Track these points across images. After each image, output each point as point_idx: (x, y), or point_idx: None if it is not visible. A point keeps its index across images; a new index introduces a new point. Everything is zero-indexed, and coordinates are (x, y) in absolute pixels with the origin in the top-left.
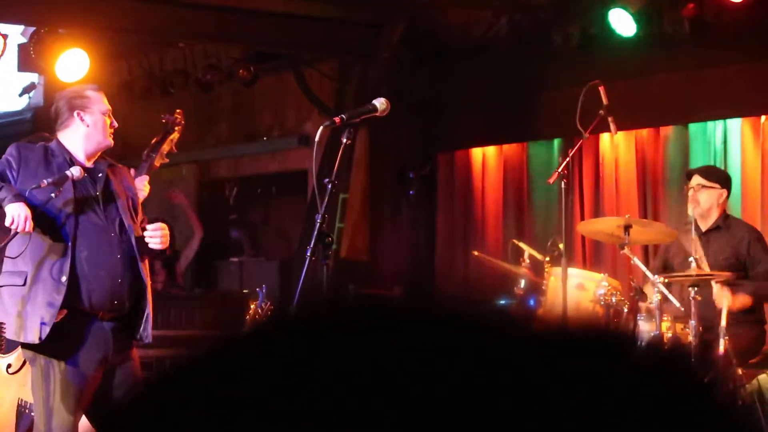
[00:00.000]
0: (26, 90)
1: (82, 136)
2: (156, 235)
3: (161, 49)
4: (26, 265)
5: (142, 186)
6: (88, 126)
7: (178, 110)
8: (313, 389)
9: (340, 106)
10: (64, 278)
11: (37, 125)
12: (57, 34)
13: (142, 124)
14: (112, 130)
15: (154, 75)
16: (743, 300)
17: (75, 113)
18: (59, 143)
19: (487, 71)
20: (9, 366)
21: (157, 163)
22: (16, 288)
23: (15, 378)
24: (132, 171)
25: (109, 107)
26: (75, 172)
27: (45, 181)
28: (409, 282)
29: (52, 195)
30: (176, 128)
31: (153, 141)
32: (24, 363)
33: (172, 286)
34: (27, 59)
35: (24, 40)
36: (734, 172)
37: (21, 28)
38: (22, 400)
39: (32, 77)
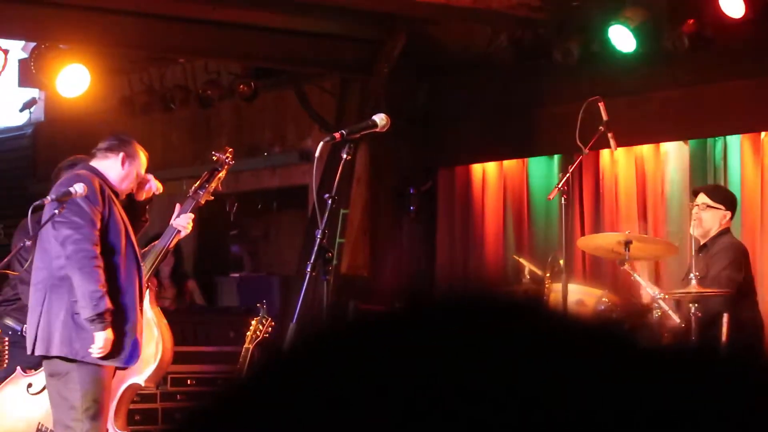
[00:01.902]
0: (27, 105)
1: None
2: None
3: (162, 65)
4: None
5: (186, 223)
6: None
7: (229, 149)
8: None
9: (341, 122)
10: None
11: (37, 140)
12: (58, 50)
13: (142, 139)
14: None
15: (155, 90)
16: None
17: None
18: None
19: (487, 87)
20: (30, 385)
21: (203, 201)
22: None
23: (36, 400)
24: (178, 206)
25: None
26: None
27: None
28: (407, 295)
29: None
30: (225, 167)
31: (201, 179)
32: (46, 386)
33: (180, 303)
34: (28, 74)
35: (25, 55)
36: (734, 188)
37: (22, 43)
38: (41, 425)
39: (33, 92)
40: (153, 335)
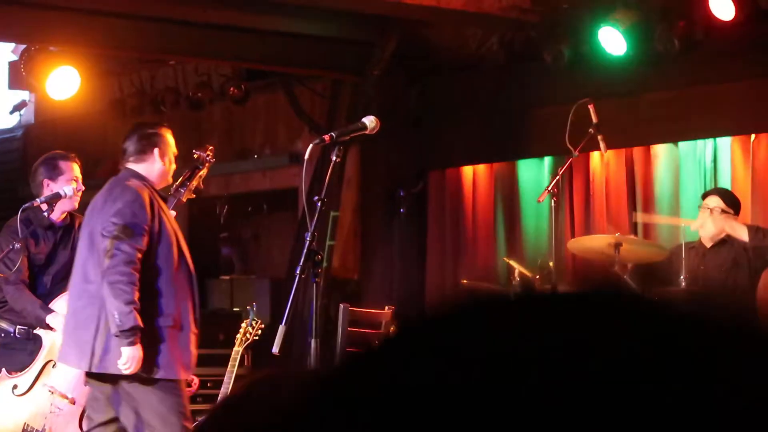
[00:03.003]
0: (17, 108)
1: None
2: None
3: (152, 67)
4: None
5: None
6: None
7: (210, 146)
8: None
9: (331, 124)
10: None
11: (27, 143)
12: (48, 52)
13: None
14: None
15: (145, 93)
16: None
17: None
18: None
19: (477, 89)
20: (15, 387)
21: (184, 199)
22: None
23: (22, 401)
24: None
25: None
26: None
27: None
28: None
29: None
30: (206, 164)
31: (182, 177)
32: (32, 385)
33: None
34: (18, 77)
35: (15, 57)
36: None
37: (12, 45)
38: (27, 425)
39: (23, 95)
40: None
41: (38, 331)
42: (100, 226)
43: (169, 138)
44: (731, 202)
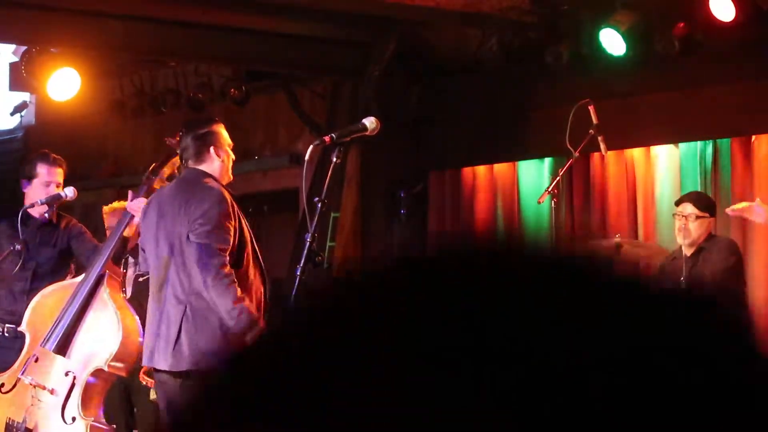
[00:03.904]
0: (18, 109)
1: None
2: None
3: (153, 68)
4: None
5: (138, 207)
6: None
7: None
8: None
9: (332, 125)
10: None
11: (28, 144)
12: (48, 53)
13: (133, 142)
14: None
15: (146, 94)
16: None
17: None
18: None
19: (477, 90)
20: (2, 385)
21: (156, 185)
22: None
23: (7, 398)
24: (130, 193)
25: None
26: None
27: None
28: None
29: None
30: (179, 151)
31: (154, 164)
32: (16, 383)
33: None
34: (18, 78)
35: (15, 59)
36: (724, 192)
37: (12, 47)
38: (10, 419)
39: (24, 96)
40: (113, 321)
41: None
42: (186, 230)
43: (222, 132)
44: (705, 206)
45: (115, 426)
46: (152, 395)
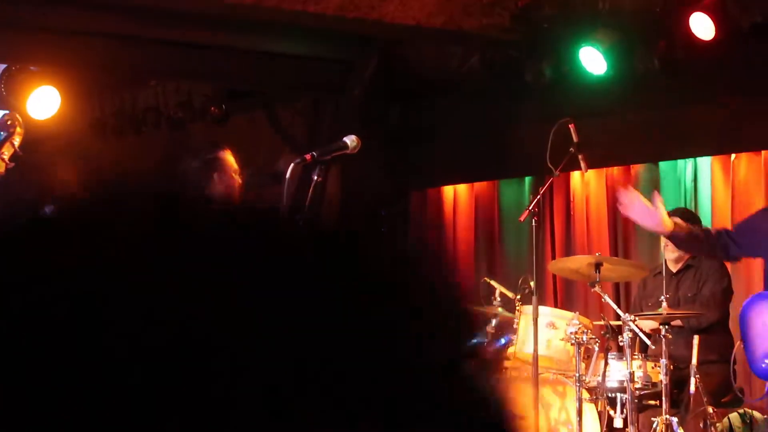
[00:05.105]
0: None
1: None
2: None
3: (133, 87)
4: None
5: None
6: None
7: (7, 113)
8: None
9: (312, 144)
10: None
11: None
12: (28, 72)
13: (114, 162)
14: None
15: (126, 113)
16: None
17: None
18: None
19: (459, 108)
20: None
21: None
22: None
23: None
24: None
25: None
26: None
27: None
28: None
29: None
30: (12, 130)
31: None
32: None
33: None
34: None
35: None
36: (704, 210)
37: None
38: None
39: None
40: None
41: None
42: None
43: (228, 158)
44: (692, 222)
45: None
46: None
